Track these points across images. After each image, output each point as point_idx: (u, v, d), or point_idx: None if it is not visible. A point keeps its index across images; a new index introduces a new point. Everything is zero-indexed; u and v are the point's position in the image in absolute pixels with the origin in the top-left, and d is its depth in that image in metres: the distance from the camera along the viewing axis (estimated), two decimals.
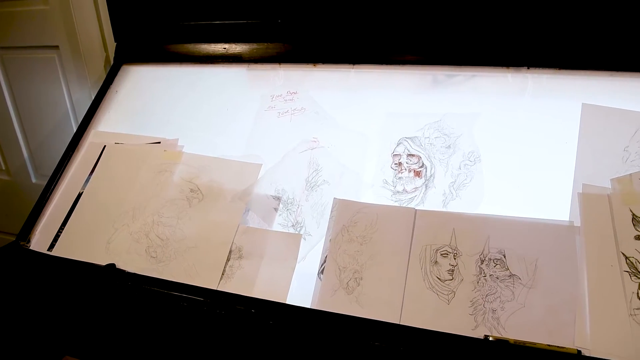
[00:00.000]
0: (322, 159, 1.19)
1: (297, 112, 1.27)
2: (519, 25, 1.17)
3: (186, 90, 1.45)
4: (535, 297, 0.91)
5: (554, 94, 1.12)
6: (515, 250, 0.96)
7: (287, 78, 1.34)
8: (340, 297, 1.00)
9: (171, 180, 1.27)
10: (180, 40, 1.52)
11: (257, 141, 1.27)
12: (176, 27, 1.51)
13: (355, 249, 1.04)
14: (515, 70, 1.17)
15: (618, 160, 1.02)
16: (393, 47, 1.27)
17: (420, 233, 1.02)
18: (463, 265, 0.97)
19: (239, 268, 1.11)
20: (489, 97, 1.15)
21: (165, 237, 1.19)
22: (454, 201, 1.06)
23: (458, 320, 0.93)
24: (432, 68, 1.23)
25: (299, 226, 1.13)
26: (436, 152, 1.11)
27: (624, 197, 0.97)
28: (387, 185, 1.12)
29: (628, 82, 1.10)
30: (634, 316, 0.87)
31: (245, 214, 1.17)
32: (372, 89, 1.25)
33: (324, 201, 1.13)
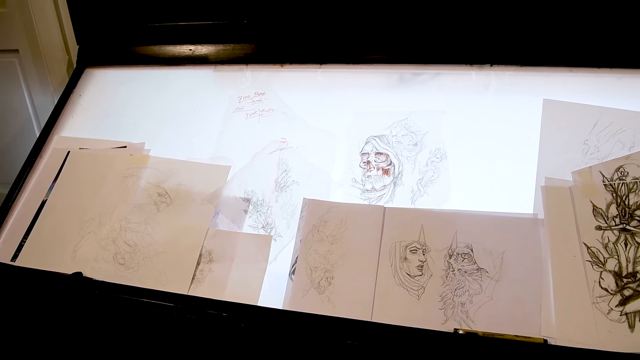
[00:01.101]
0: (291, 159, 1.19)
1: (265, 112, 1.26)
2: (482, 24, 1.20)
3: (152, 93, 1.42)
4: (502, 289, 0.93)
5: (516, 90, 1.15)
6: (482, 244, 0.98)
7: (255, 79, 1.33)
8: (312, 297, 1.00)
9: (138, 185, 1.24)
10: (145, 42, 1.49)
11: (226, 143, 1.26)
12: (140, 29, 1.48)
13: (326, 248, 1.04)
14: (478, 67, 1.19)
15: (578, 154, 1.05)
16: (360, 46, 1.28)
17: (390, 230, 1.03)
18: (432, 261, 0.98)
19: (209, 272, 1.09)
20: (453, 95, 1.17)
21: (134, 243, 1.16)
22: (422, 198, 1.07)
23: (428, 315, 0.94)
24: (398, 67, 1.24)
25: (269, 227, 1.13)
26: (403, 150, 1.12)
27: (585, 189, 1.00)
28: (356, 184, 1.12)
29: (586, 77, 1.14)
30: (597, 304, 0.90)
31: (215, 216, 1.16)
32: (339, 88, 1.25)
33: (293, 201, 1.13)
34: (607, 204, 0.97)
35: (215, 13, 1.39)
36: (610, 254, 0.93)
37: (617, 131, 1.05)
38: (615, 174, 1.00)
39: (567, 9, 1.15)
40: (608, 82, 1.12)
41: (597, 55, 1.14)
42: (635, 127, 1.05)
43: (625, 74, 1.12)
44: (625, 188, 0.98)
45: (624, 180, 0.99)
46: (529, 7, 1.16)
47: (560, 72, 1.15)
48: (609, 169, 1.01)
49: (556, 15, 1.16)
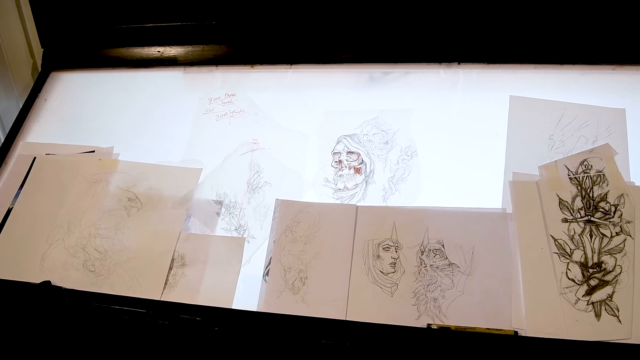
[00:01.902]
0: (263, 161, 1.18)
1: (236, 114, 1.26)
2: (449, 23, 1.21)
3: (120, 96, 1.40)
4: (473, 283, 0.95)
5: (484, 87, 1.17)
6: (453, 239, 0.99)
7: (225, 80, 1.32)
8: (286, 298, 1.00)
9: (107, 190, 1.22)
10: (112, 44, 1.46)
11: (196, 145, 1.24)
12: (107, 31, 1.46)
13: (300, 248, 1.04)
14: (446, 65, 1.21)
15: (544, 149, 1.07)
16: (330, 46, 1.28)
17: (362, 229, 1.03)
18: (404, 258, 0.99)
19: (182, 276, 1.08)
20: (423, 93, 1.18)
21: (104, 250, 1.14)
22: (394, 195, 1.08)
23: (402, 312, 0.95)
24: (368, 66, 1.25)
25: (242, 229, 1.12)
26: (375, 149, 1.13)
27: (551, 182, 1.02)
28: (328, 184, 1.13)
29: (551, 74, 1.17)
30: (564, 295, 0.92)
31: (187, 220, 1.14)
32: (310, 88, 1.25)
33: (266, 203, 1.13)
34: (573, 196, 1.00)
35: (183, 14, 1.38)
36: (576, 245, 0.96)
37: (581, 126, 1.08)
38: (579, 168, 1.03)
39: (531, 8, 1.17)
40: (571, 78, 1.15)
41: (560, 52, 1.17)
42: (598, 121, 1.08)
43: (588, 70, 1.16)
44: (590, 181, 1.01)
45: (588, 173, 1.02)
46: (494, 6, 1.19)
47: (525, 69, 1.18)
48: (573, 162, 1.04)
49: (521, 14, 1.18)
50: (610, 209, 0.98)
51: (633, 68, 1.15)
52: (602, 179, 1.01)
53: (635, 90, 1.13)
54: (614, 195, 0.99)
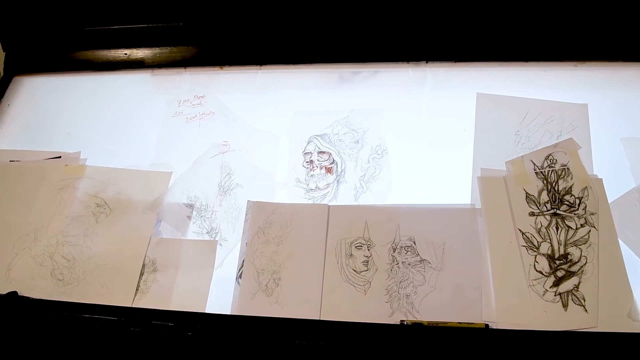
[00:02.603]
0: (234, 162, 1.17)
1: (205, 116, 1.24)
2: (417, 23, 1.23)
3: (87, 100, 1.37)
4: (445, 278, 0.96)
5: (451, 85, 1.19)
6: (424, 236, 1.00)
7: (194, 82, 1.31)
8: (260, 300, 1.00)
9: (75, 197, 1.19)
10: (77, 47, 1.43)
11: (166, 149, 1.23)
12: (72, 33, 1.42)
13: (272, 249, 1.03)
14: (415, 64, 1.22)
15: (511, 144, 1.09)
16: (299, 46, 1.28)
17: (335, 228, 1.04)
18: (377, 255, 1.00)
19: (154, 282, 1.06)
20: (392, 92, 1.20)
21: (72, 258, 1.11)
22: (365, 194, 1.09)
23: (375, 309, 0.95)
24: (338, 66, 1.25)
25: (214, 232, 1.11)
26: (345, 148, 1.14)
27: (518, 177, 1.04)
28: (300, 184, 1.12)
29: (516, 70, 1.20)
30: (532, 287, 0.94)
31: (157, 225, 1.13)
32: (280, 89, 1.25)
33: (238, 205, 1.12)
34: (539, 190, 1.02)
35: (150, 15, 1.35)
36: (543, 238, 0.98)
37: (546, 121, 1.11)
38: (545, 162, 1.05)
39: (496, 7, 1.20)
40: (536, 74, 1.18)
41: (524, 49, 1.19)
42: (561, 116, 1.11)
43: (551, 66, 1.19)
44: (555, 175, 1.03)
45: (553, 167, 1.04)
46: (460, 5, 1.21)
47: (491, 66, 1.20)
48: (539, 157, 1.06)
49: (486, 13, 1.20)
50: (575, 202, 1.00)
51: (594, 64, 1.18)
52: (566, 172, 1.03)
53: (597, 85, 1.17)
54: (578, 188, 1.01)
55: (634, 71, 1.18)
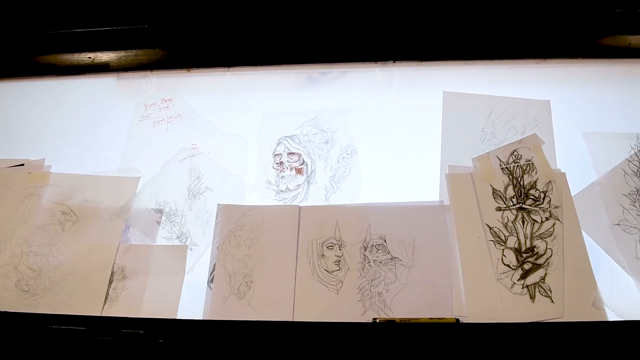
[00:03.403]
0: (203, 166, 1.16)
1: (173, 119, 1.23)
2: (384, 23, 1.24)
3: (50, 106, 1.33)
4: (415, 275, 0.97)
5: (418, 84, 1.20)
6: (395, 234, 1.01)
7: (161, 85, 1.29)
8: (232, 304, 0.99)
9: (39, 205, 1.16)
10: (40, 51, 1.39)
11: (133, 153, 1.21)
12: (34, 37, 1.38)
13: (244, 252, 1.03)
14: (382, 64, 1.23)
15: (477, 141, 1.11)
16: (267, 48, 1.28)
17: (306, 229, 1.04)
18: (348, 255, 1.00)
19: (123, 289, 1.04)
20: (360, 91, 1.20)
21: (38, 268, 1.08)
22: (335, 194, 1.09)
23: (348, 308, 0.96)
24: (306, 67, 1.25)
25: (184, 237, 1.09)
26: (315, 148, 1.14)
27: (484, 173, 1.07)
28: (270, 186, 1.12)
29: (481, 69, 1.22)
30: (501, 280, 0.96)
31: (126, 231, 1.11)
32: (248, 90, 1.25)
33: (208, 208, 1.11)
34: (505, 186, 1.05)
35: (114, 18, 1.33)
36: (510, 232, 1.00)
37: (510, 118, 1.13)
38: (510, 158, 1.08)
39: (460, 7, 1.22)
40: (500, 72, 1.21)
41: (489, 48, 1.22)
42: (525, 113, 1.13)
43: (514, 64, 1.21)
44: (520, 170, 1.06)
45: (518, 163, 1.07)
46: (426, 6, 1.22)
47: (457, 65, 1.22)
48: (504, 153, 1.08)
49: (451, 13, 1.22)
50: (540, 196, 1.03)
51: (556, 61, 1.21)
52: (531, 167, 1.06)
53: (558, 82, 1.20)
54: (543, 182, 1.04)
55: (593, 68, 1.21)
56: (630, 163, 1.07)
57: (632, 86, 1.20)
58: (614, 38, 1.21)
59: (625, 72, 1.22)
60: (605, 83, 1.20)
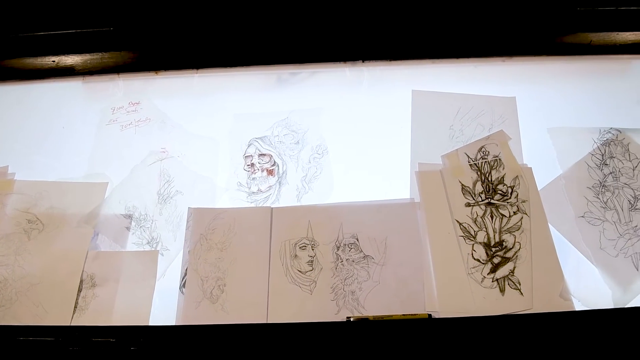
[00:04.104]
0: (173, 169, 1.15)
1: (141, 123, 1.21)
2: (353, 23, 1.24)
3: (14, 111, 1.29)
4: (388, 272, 0.98)
5: (387, 84, 1.21)
6: (367, 232, 1.02)
7: (128, 88, 1.27)
8: (205, 308, 0.98)
9: (3, 214, 1.12)
10: (2, 55, 1.35)
11: (101, 158, 1.18)
12: None
13: (216, 256, 1.02)
14: (352, 64, 1.24)
15: (446, 139, 1.13)
16: (236, 49, 1.27)
17: (278, 230, 1.03)
18: (321, 255, 1.00)
19: (93, 297, 1.02)
20: (330, 91, 1.21)
21: (3, 278, 1.05)
22: (307, 194, 1.09)
23: (321, 308, 0.96)
24: (276, 67, 1.25)
25: (154, 242, 1.08)
26: (286, 149, 1.14)
27: (453, 170, 1.08)
28: (241, 188, 1.11)
29: (448, 67, 1.24)
30: (471, 274, 0.98)
31: (94, 238, 1.08)
32: (218, 92, 1.24)
33: (178, 212, 1.09)
34: (474, 182, 1.06)
35: (79, 20, 1.30)
36: (479, 227, 1.02)
37: (478, 115, 1.15)
38: (478, 154, 1.10)
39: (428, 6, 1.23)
40: (467, 70, 1.23)
41: (456, 46, 1.24)
42: (492, 110, 1.16)
43: (481, 62, 1.24)
44: (488, 166, 1.08)
45: (486, 159, 1.09)
46: (395, 6, 1.23)
47: (425, 64, 1.24)
48: (472, 150, 1.10)
49: (418, 12, 1.24)
50: (508, 191, 1.05)
51: (521, 59, 1.24)
52: (498, 163, 1.08)
53: (523, 79, 1.23)
54: (510, 178, 1.06)
55: (557, 65, 1.25)
56: (593, 157, 1.10)
57: (594, 82, 1.24)
58: (576, 36, 1.24)
59: (587, 68, 1.25)
60: (568, 79, 1.24)
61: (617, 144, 1.12)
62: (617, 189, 1.06)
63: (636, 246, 1.01)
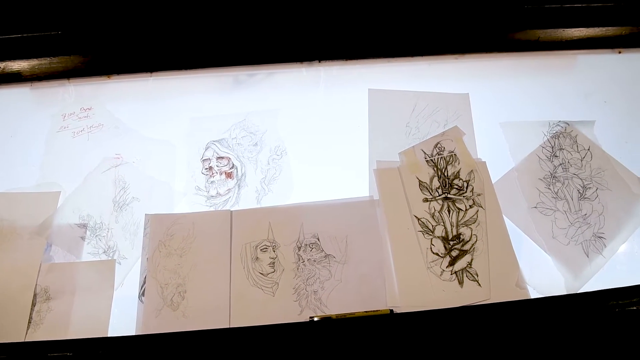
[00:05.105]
0: (129, 175, 1.12)
1: (94, 129, 1.17)
2: (309, 23, 1.24)
3: None
4: (349, 270, 0.99)
5: (344, 83, 1.22)
6: (327, 231, 1.02)
7: (79, 94, 1.23)
8: (166, 316, 0.96)
9: None
10: None
11: (52, 167, 1.14)
12: None
13: (175, 262, 1.00)
14: (308, 64, 1.24)
15: (402, 136, 1.15)
16: (191, 51, 1.25)
17: (239, 233, 1.02)
18: (282, 256, 1.00)
19: (48, 311, 0.99)
20: (287, 92, 1.21)
21: None
22: (267, 196, 1.09)
23: (284, 309, 0.96)
24: (232, 69, 1.24)
25: (111, 251, 1.05)
26: (244, 151, 1.13)
27: (410, 167, 1.10)
28: (200, 192, 1.10)
29: (403, 65, 1.26)
30: (431, 268, 0.99)
31: (48, 249, 1.05)
32: (173, 95, 1.21)
33: (135, 220, 1.07)
34: (430, 177, 1.08)
35: (25, 24, 1.25)
36: (437, 221, 1.04)
37: (433, 112, 1.18)
38: (434, 150, 1.12)
39: (382, 6, 1.25)
40: (421, 68, 1.25)
41: (410, 45, 1.25)
42: (446, 106, 1.18)
43: (435, 60, 1.26)
44: (444, 161, 1.10)
45: (441, 154, 1.11)
46: (350, 6, 1.24)
47: (380, 63, 1.25)
48: (428, 146, 1.12)
49: (374, 12, 1.25)
50: (463, 185, 1.08)
51: (473, 56, 1.27)
52: (454, 158, 1.11)
53: (475, 75, 1.26)
54: (465, 172, 1.09)
55: (507, 61, 1.28)
56: (543, 149, 1.15)
57: (543, 77, 1.28)
58: (524, 32, 1.28)
59: (536, 64, 1.30)
60: (518, 75, 1.28)
61: (566, 136, 1.16)
62: (567, 179, 1.11)
63: (586, 234, 1.05)
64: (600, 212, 1.07)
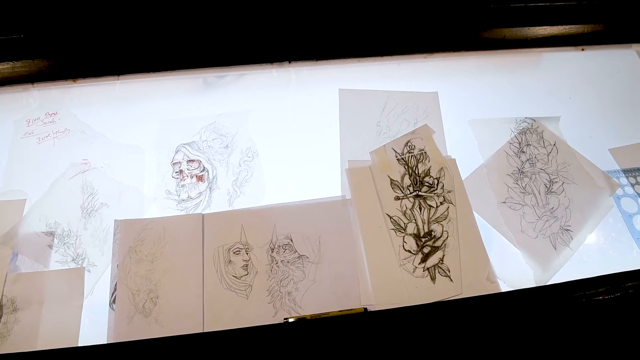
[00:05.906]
0: (97, 181, 1.10)
1: (60, 134, 1.15)
2: (279, 24, 1.24)
3: None
4: (323, 271, 0.99)
5: (315, 83, 1.22)
6: (300, 232, 1.02)
7: (44, 98, 1.20)
8: (138, 323, 0.94)
9: None
10: None
11: (17, 174, 1.11)
12: None
13: (147, 268, 0.99)
14: (278, 65, 1.24)
15: (374, 135, 1.16)
16: (159, 53, 1.23)
17: (211, 236, 1.01)
18: (256, 258, 1.00)
19: (15, 323, 0.96)
20: (258, 93, 1.20)
21: None
22: (239, 198, 1.08)
23: (259, 312, 0.95)
24: (202, 71, 1.23)
25: (80, 259, 1.03)
26: (215, 154, 1.12)
27: (382, 165, 1.11)
28: (170, 196, 1.08)
29: (373, 65, 1.27)
30: (403, 266, 1.00)
31: (14, 259, 1.02)
32: (142, 98, 1.20)
33: (104, 226, 1.05)
34: (401, 175, 1.10)
35: None
36: (409, 219, 1.05)
37: (403, 111, 1.19)
38: (405, 149, 1.13)
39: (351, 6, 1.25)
40: (390, 68, 1.26)
41: (380, 45, 1.27)
42: (416, 105, 1.20)
43: (404, 60, 1.28)
44: (414, 159, 1.11)
45: (412, 153, 1.12)
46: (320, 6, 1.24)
47: (350, 63, 1.26)
48: (399, 145, 1.13)
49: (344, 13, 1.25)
50: (434, 182, 1.09)
51: (441, 55, 1.29)
52: (424, 156, 1.12)
53: (444, 74, 1.28)
54: (436, 169, 1.10)
55: (474, 60, 1.31)
56: (511, 145, 1.17)
57: (509, 74, 1.31)
58: (491, 31, 1.31)
59: (502, 62, 1.32)
60: (485, 73, 1.30)
61: (532, 132, 1.19)
62: (534, 174, 1.13)
63: (553, 227, 1.08)
64: (567, 206, 1.10)
